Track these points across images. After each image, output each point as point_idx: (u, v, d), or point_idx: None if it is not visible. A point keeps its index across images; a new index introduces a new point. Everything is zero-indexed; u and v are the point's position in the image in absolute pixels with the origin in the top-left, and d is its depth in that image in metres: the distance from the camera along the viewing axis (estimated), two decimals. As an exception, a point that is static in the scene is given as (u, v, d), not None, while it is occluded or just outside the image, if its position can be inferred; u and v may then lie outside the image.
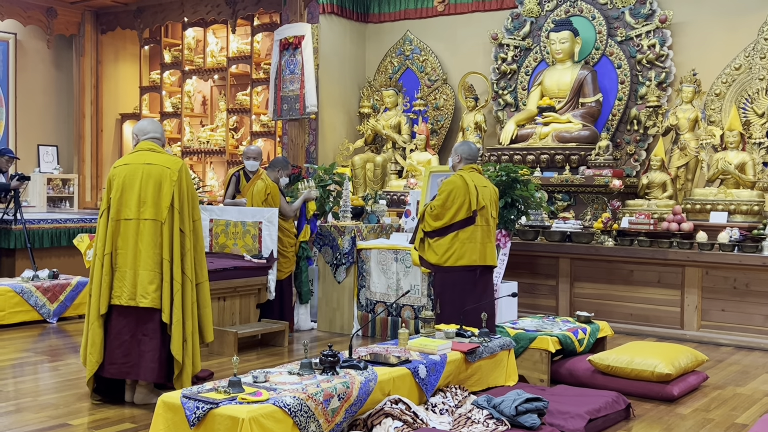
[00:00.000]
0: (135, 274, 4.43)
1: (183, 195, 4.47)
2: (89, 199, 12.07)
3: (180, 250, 4.44)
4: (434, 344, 4.34)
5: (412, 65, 10.14)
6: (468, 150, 5.77)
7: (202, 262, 4.59)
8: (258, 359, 5.89)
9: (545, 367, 5.00)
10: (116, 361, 4.50)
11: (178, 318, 4.40)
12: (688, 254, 6.93)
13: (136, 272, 4.42)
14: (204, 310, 4.59)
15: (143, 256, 4.42)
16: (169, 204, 4.43)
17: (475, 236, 5.66)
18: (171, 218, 4.43)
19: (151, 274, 4.40)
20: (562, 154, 8.21)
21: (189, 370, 4.48)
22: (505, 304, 6.59)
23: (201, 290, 4.58)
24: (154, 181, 4.46)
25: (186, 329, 4.44)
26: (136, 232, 4.45)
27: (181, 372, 4.47)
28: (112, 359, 4.51)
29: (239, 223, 6.78)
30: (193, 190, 4.60)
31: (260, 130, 10.97)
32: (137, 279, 4.42)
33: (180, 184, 4.46)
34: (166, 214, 4.42)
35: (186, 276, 4.44)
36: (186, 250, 4.44)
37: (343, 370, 3.76)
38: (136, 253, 4.43)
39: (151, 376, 4.47)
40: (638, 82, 8.53)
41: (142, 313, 4.43)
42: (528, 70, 9.20)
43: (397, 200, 9.10)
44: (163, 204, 4.43)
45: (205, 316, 4.59)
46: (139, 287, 4.41)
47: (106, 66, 12.24)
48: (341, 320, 7.02)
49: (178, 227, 4.44)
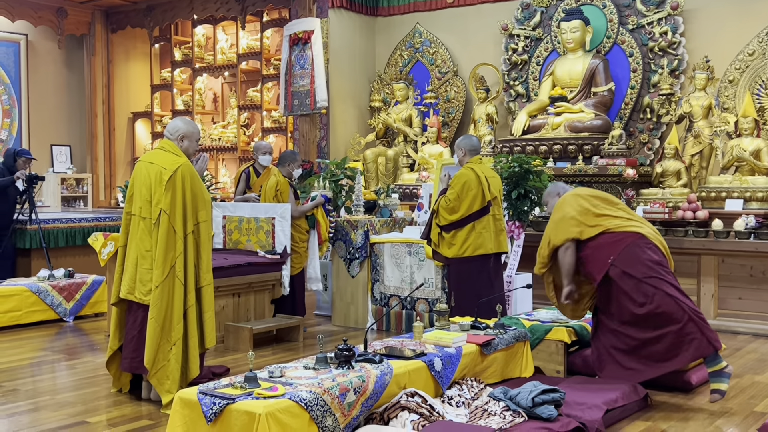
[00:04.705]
0: (135, 269, 4.47)
1: (176, 196, 4.43)
2: (103, 198, 12.13)
3: (172, 252, 4.40)
4: (449, 337, 4.33)
5: (422, 58, 10.11)
6: (470, 143, 5.86)
7: (204, 266, 4.53)
8: (273, 354, 5.90)
9: (561, 358, 4.99)
10: (128, 355, 4.55)
11: (153, 317, 4.35)
12: (703, 242, 6.88)
13: (136, 267, 4.47)
14: (206, 314, 4.54)
15: (142, 253, 4.45)
16: (159, 204, 4.42)
17: (489, 225, 5.73)
18: (159, 219, 4.42)
19: (150, 272, 4.42)
20: (574, 144, 8.17)
21: (168, 374, 4.36)
22: (519, 296, 6.57)
23: (203, 294, 4.55)
24: (150, 181, 4.48)
25: (173, 332, 4.40)
26: (137, 229, 4.50)
27: (159, 372, 4.37)
28: (126, 353, 4.57)
29: (252, 219, 6.79)
30: (198, 191, 4.51)
31: (271, 126, 10.98)
32: (136, 274, 4.46)
33: (174, 185, 4.43)
34: (157, 214, 4.43)
35: (176, 278, 4.39)
36: (178, 252, 4.41)
37: (358, 364, 3.76)
38: (136, 249, 4.48)
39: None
40: (651, 70, 8.47)
41: (148, 309, 4.45)
42: (539, 60, 9.16)
43: (410, 194, 9.09)
44: (154, 204, 4.45)
45: (207, 321, 4.54)
46: (138, 283, 4.46)
47: (117, 65, 12.28)
48: (356, 314, 7.03)
49: (170, 228, 4.41)
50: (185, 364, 4.44)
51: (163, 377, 4.38)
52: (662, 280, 4.47)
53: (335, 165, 7.42)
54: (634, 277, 4.48)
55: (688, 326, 4.37)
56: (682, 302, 4.42)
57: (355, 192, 7.26)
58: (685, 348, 4.37)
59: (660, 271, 4.51)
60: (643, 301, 4.45)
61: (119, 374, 4.75)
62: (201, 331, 4.53)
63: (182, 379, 4.41)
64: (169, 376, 4.37)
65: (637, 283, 4.48)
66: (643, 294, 4.45)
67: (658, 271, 4.50)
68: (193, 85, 11.85)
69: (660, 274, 4.49)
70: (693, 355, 4.39)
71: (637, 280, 4.47)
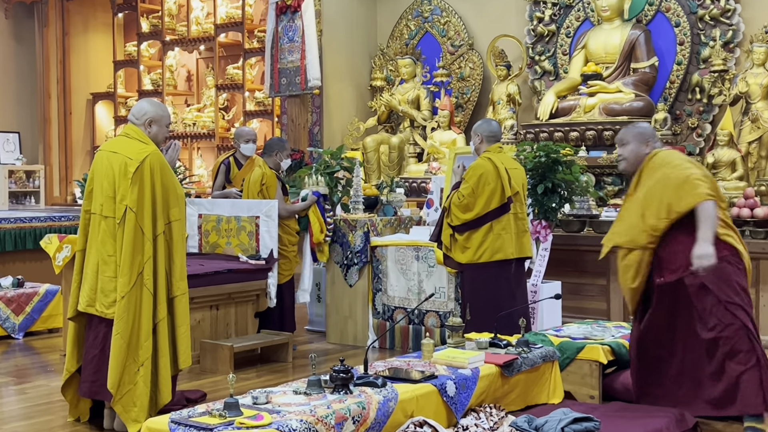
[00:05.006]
0: (95, 278, 4.47)
1: (145, 191, 4.44)
2: (58, 194, 12.16)
3: (140, 256, 4.40)
4: (464, 356, 4.33)
5: (431, 29, 10.11)
6: (488, 128, 5.84)
7: (178, 273, 4.54)
8: (258, 377, 5.91)
9: (596, 381, 4.98)
10: (88, 378, 4.55)
11: (119, 332, 4.36)
12: (763, 245, 6.88)
13: (97, 275, 4.47)
14: (179, 329, 4.55)
15: (104, 258, 4.45)
16: (125, 201, 4.43)
17: (510, 226, 5.73)
18: (125, 217, 4.42)
19: (114, 281, 4.42)
20: (611, 129, 8.16)
21: (134, 400, 4.37)
22: (547, 308, 6.57)
23: (176, 306, 4.55)
24: (113, 173, 4.48)
25: (141, 350, 4.40)
26: (98, 230, 4.50)
27: (121, 400, 4.38)
28: (85, 376, 4.57)
29: (233, 218, 6.80)
30: (170, 185, 4.53)
31: (255, 109, 10.99)
32: (97, 284, 4.46)
33: (141, 178, 4.44)
34: (122, 212, 4.43)
35: (145, 287, 4.40)
36: (146, 257, 4.41)
37: (357, 389, 3.76)
38: (97, 254, 4.48)
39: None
40: (700, 42, 8.46)
41: (111, 324, 4.44)
42: (569, 32, 9.15)
43: (417, 188, 9.09)
44: (119, 200, 4.45)
45: (181, 337, 4.55)
46: (99, 293, 4.45)
47: (74, 38, 12.30)
48: (354, 330, 7.03)
49: (137, 228, 4.42)
50: (155, 388, 4.44)
51: (129, 403, 4.39)
52: (745, 311, 4.42)
53: (330, 155, 7.42)
54: (716, 296, 4.40)
55: (751, 373, 4.35)
56: (756, 343, 4.39)
57: (353, 186, 7.26)
58: (740, 396, 4.36)
59: (746, 300, 4.46)
60: (714, 325, 4.41)
61: (77, 400, 4.76)
62: (174, 349, 4.53)
63: (151, 406, 4.42)
64: (136, 402, 4.37)
65: (715, 305, 4.40)
66: (718, 318, 4.40)
67: (744, 300, 4.44)
68: (163, 62, 11.86)
69: (745, 303, 4.44)
70: (741, 408, 4.38)
71: (718, 301, 4.40)
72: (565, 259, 7.55)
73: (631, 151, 4.64)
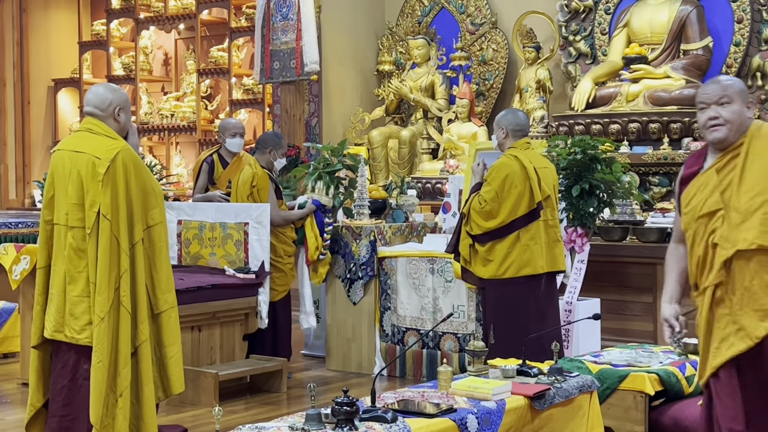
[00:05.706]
0: (63, 299, 4.47)
1: (119, 194, 4.45)
2: (14, 197, 12.19)
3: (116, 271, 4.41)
4: (488, 386, 4.34)
5: (448, 4, 10.13)
6: (515, 120, 5.83)
7: (163, 284, 4.54)
8: (247, 410, 5.92)
9: (641, 415, 4.99)
10: (56, 413, 4.55)
11: (100, 360, 4.37)
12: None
13: (65, 296, 4.46)
14: (168, 349, 4.55)
15: (72, 274, 4.45)
16: (96, 207, 4.43)
17: (539, 235, 5.71)
18: (98, 226, 4.43)
19: (84, 300, 4.43)
20: (658, 121, 8.17)
21: None
22: (583, 330, 6.57)
23: (163, 322, 4.55)
24: (79, 176, 4.47)
25: (119, 379, 4.40)
26: (63, 243, 4.49)
27: None
28: (53, 410, 4.56)
29: (218, 225, 6.81)
30: (148, 183, 4.55)
31: (243, 97, 11.02)
32: (65, 305, 4.46)
33: (113, 179, 4.44)
34: (92, 220, 4.44)
35: (122, 305, 4.41)
36: (122, 271, 4.42)
37: (363, 424, 3.77)
38: (65, 271, 4.48)
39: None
40: (762, 20, 8.46)
41: (83, 351, 4.45)
42: (609, 8, 9.16)
43: (432, 189, 9.10)
44: (88, 207, 4.45)
45: (171, 358, 4.55)
46: (68, 317, 4.45)
47: (34, 15, 12.35)
48: (359, 355, 7.04)
49: (112, 238, 4.43)
50: (136, 422, 4.46)
51: None
52: None
53: (330, 151, 7.43)
54: None
55: None
56: None
57: (357, 188, 7.27)
58: None
59: None
60: None
61: None
62: (161, 372, 4.55)
63: None
64: None
65: None
66: None
67: None
68: (137, 43, 11.90)
69: None
70: None
71: None
72: (604, 273, 7.54)
73: (735, 113, 3.79)
